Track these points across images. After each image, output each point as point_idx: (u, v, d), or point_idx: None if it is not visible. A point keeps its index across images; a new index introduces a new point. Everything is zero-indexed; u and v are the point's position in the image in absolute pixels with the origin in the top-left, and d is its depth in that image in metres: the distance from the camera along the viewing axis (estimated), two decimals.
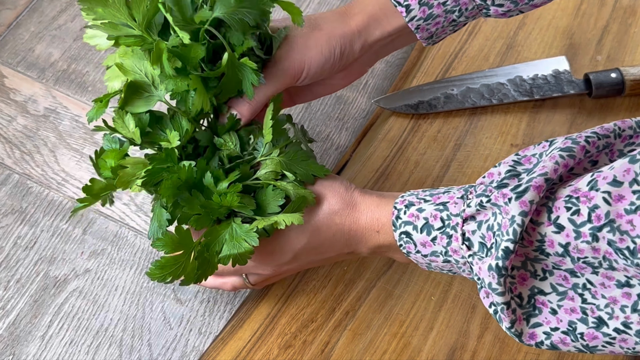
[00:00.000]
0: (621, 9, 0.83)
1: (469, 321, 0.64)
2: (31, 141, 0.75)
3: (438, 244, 0.52)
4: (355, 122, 0.78)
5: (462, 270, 0.52)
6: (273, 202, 0.55)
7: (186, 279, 0.52)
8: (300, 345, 0.64)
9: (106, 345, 0.64)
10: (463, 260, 0.51)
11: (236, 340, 0.64)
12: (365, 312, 0.65)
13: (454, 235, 0.50)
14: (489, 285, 0.47)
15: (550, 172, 0.46)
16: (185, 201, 0.52)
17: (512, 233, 0.45)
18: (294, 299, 0.66)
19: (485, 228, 0.48)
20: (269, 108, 0.56)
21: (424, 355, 0.63)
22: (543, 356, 0.63)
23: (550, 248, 0.46)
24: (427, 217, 0.52)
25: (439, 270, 0.55)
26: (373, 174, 0.73)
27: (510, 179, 0.49)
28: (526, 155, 0.51)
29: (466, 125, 0.76)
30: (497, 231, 0.47)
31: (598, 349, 0.47)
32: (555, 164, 0.47)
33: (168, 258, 0.52)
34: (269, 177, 0.55)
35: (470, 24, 0.83)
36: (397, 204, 0.55)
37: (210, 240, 0.53)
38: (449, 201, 0.52)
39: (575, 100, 0.77)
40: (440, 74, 0.79)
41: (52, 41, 0.82)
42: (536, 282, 0.49)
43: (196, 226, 0.52)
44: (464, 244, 0.50)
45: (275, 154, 0.56)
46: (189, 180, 0.53)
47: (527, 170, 0.49)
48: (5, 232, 0.70)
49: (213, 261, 0.53)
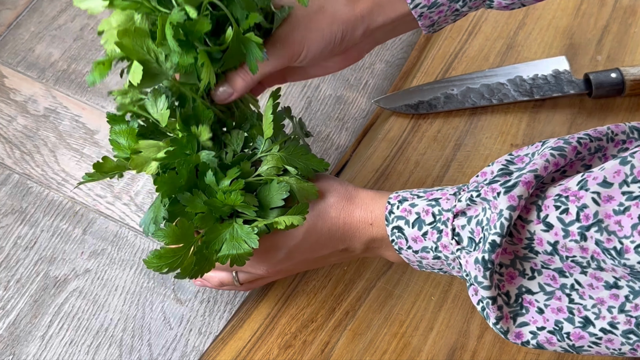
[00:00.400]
0: (621, 9, 0.83)
1: (469, 321, 0.65)
2: (31, 141, 0.75)
3: (429, 239, 0.52)
4: (355, 122, 0.78)
5: (452, 268, 0.52)
6: (277, 196, 0.54)
7: (182, 273, 0.52)
8: (300, 345, 0.64)
9: (106, 345, 0.64)
10: (452, 257, 0.51)
11: (236, 340, 0.64)
12: (365, 312, 0.65)
13: (444, 230, 0.51)
14: (474, 279, 0.48)
15: (540, 169, 0.47)
16: (187, 200, 0.52)
17: (499, 227, 0.46)
18: (294, 299, 0.66)
19: (474, 223, 0.49)
20: (269, 103, 0.55)
21: (424, 355, 0.63)
22: (543, 356, 0.63)
23: (539, 246, 0.47)
24: (419, 212, 0.52)
25: (430, 269, 0.55)
26: (373, 174, 0.73)
27: (502, 177, 0.49)
28: (519, 155, 0.52)
29: (466, 125, 0.76)
30: (486, 225, 0.47)
31: (584, 349, 0.47)
32: (545, 161, 0.47)
33: (167, 249, 0.52)
34: (271, 173, 0.55)
35: (470, 24, 0.83)
36: (391, 199, 0.55)
37: (211, 238, 0.53)
38: (442, 197, 0.52)
39: (575, 100, 0.77)
40: (440, 74, 0.79)
41: (52, 41, 0.82)
42: (524, 282, 0.49)
43: (200, 225, 0.52)
44: (454, 238, 0.50)
45: (276, 150, 0.56)
46: (190, 178, 0.53)
47: (518, 169, 0.49)
48: (5, 232, 0.70)
49: (211, 259, 0.53)
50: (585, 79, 0.77)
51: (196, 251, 0.52)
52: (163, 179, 0.51)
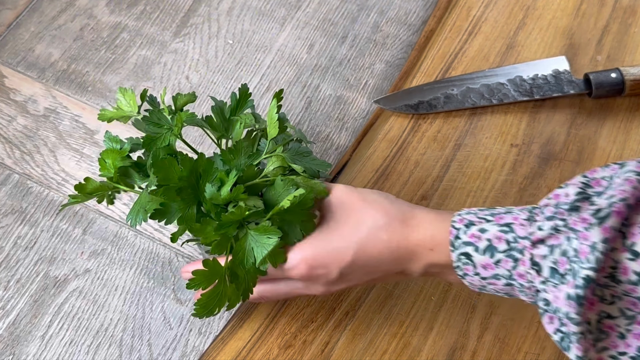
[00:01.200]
0: (621, 9, 0.83)
1: (469, 321, 0.65)
2: (31, 141, 0.75)
3: (502, 267, 0.49)
4: (355, 122, 0.78)
5: (524, 294, 0.50)
6: (284, 193, 0.54)
7: (233, 302, 0.53)
8: (300, 345, 0.64)
9: (106, 345, 0.64)
10: (528, 285, 0.48)
11: (236, 340, 0.64)
12: (365, 312, 0.65)
13: (521, 259, 0.48)
14: (566, 315, 0.45)
15: (630, 197, 0.44)
16: (198, 231, 0.51)
17: (593, 261, 0.43)
18: (293, 299, 0.66)
19: (558, 253, 0.46)
20: (273, 104, 0.55)
21: (424, 355, 0.63)
22: (543, 356, 0.63)
23: (624, 275, 0.44)
24: (491, 239, 0.49)
25: (492, 293, 0.52)
26: (373, 174, 0.73)
27: (582, 202, 0.46)
28: (595, 178, 0.48)
29: (466, 125, 0.76)
30: (574, 257, 0.44)
31: None
32: (633, 188, 0.44)
33: (207, 293, 0.52)
34: (277, 174, 0.55)
35: (470, 24, 0.83)
36: (456, 222, 0.51)
37: (239, 257, 0.52)
38: (514, 222, 0.49)
39: (575, 100, 0.77)
40: (440, 74, 0.79)
41: (52, 41, 0.82)
42: (603, 306, 0.46)
43: (219, 250, 0.52)
44: (533, 268, 0.47)
45: (280, 151, 0.56)
46: (191, 179, 0.53)
47: (597, 194, 0.47)
48: (6, 232, 0.70)
49: (251, 272, 0.53)
50: (585, 79, 0.77)
51: (230, 275, 0.52)
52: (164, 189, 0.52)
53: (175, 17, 0.85)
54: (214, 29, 0.84)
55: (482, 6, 0.84)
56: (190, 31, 0.84)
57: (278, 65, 0.81)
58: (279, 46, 0.83)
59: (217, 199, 0.52)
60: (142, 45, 0.83)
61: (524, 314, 0.65)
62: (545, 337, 0.63)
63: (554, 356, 0.63)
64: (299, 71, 0.81)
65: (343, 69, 0.81)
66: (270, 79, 0.80)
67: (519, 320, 0.64)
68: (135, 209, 0.54)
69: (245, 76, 0.81)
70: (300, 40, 0.83)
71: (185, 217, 0.52)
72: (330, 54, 0.82)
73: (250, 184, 0.54)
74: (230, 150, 0.54)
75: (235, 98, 0.59)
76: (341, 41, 0.83)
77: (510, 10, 0.84)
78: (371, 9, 0.86)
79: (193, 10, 0.86)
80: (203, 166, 0.53)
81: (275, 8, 0.86)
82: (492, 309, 0.65)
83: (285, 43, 0.83)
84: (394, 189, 0.71)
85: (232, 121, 0.59)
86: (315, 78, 0.81)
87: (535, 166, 0.72)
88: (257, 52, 0.82)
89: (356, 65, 0.82)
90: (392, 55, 0.82)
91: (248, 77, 0.81)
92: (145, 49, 0.82)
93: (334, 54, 0.82)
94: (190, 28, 0.84)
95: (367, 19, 0.85)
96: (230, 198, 0.52)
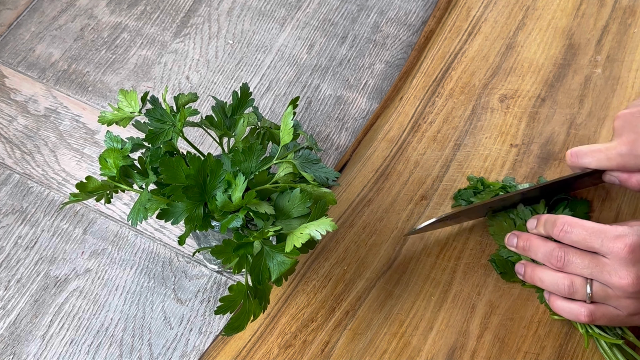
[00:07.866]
0: (621, 9, 0.83)
1: (469, 321, 0.65)
2: (32, 141, 0.76)
3: None
4: (355, 122, 0.78)
5: None
6: (301, 205, 0.54)
7: (256, 316, 0.54)
8: (300, 345, 0.64)
9: (106, 345, 0.64)
10: None
11: (236, 339, 0.64)
12: (365, 311, 0.65)
13: None
14: None
15: None
16: (219, 253, 0.52)
17: None
18: (294, 298, 0.66)
19: None
20: (288, 110, 0.56)
21: (424, 355, 0.63)
22: (542, 356, 0.63)
23: None
24: None
25: None
26: (373, 174, 0.73)
27: None
28: None
29: (466, 125, 0.76)
30: None
31: None
32: None
33: (236, 315, 0.53)
34: (287, 180, 0.55)
35: (470, 24, 0.83)
36: None
37: (256, 272, 0.52)
38: None
39: (575, 101, 0.77)
40: (440, 73, 0.79)
41: (52, 41, 0.83)
42: None
43: (238, 270, 0.52)
44: None
45: (291, 157, 0.56)
46: (198, 179, 0.53)
47: None
48: (6, 232, 0.70)
49: (267, 287, 0.54)
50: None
51: (254, 292, 0.53)
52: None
53: (176, 17, 0.85)
54: (214, 29, 0.84)
55: (482, 6, 0.84)
56: (191, 31, 0.84)
57: (278, 66, 0.82)
58: (279, 46, 0.83)
59: (229, 206, 0.52)
60: (142, 46, 0.83)
61: (523, 314, 0.65)
62: (544, 337, 0.63)
63: (554, 356, 0.63)
64: (299, 71, 0.81)
65: (343, 69, 0.81)
66: (271, 79, 0.81)
67: (519, 320, 0.64)
68: (136, 207, 0.54)
69: (246, 76, 0.81)
70: (301, 40, 0.84)
71: (192, 217, 0.52)
72: (330, 54, 0.82)
73: (260, 188, 0.54)
74: (243, 151, 0.55)
75: (236, 96, 0.59)
76: (341, 41, 0.84)
77: (510, 11, 0.84)
78: (371, 9, 0.86)
79: (193, 10, 0.86)
80: (211, 166, 0.53)
81: (275, 8, 0.86)
82: (492, 309, 0.65)
83: (285, 43, 0.83)
84: (394, 189, 0.72)
85: (235, 119, 0.59)
86: (315, 78, 0.81)
87: (535, 166, 0.72)
88: (257, 52, 0.82)
89: (356, 65, 0.82)
90: (392, 55, 0.82)
91: (248, 77, 0.81)
92: (146, 49, 0.82)
93: (334, 54, 0.82)
94: (191, 28, 0.84)
95: (367, 20, 0.85)
96: (242, 204, 0.52)
